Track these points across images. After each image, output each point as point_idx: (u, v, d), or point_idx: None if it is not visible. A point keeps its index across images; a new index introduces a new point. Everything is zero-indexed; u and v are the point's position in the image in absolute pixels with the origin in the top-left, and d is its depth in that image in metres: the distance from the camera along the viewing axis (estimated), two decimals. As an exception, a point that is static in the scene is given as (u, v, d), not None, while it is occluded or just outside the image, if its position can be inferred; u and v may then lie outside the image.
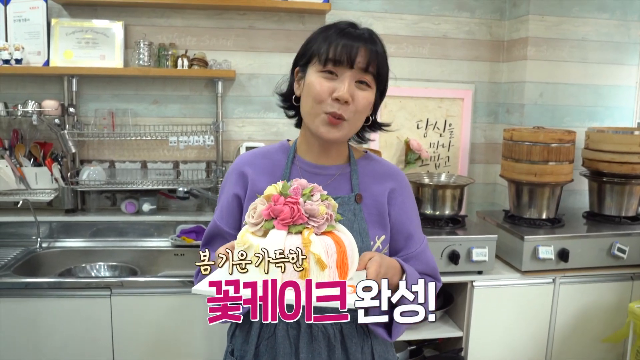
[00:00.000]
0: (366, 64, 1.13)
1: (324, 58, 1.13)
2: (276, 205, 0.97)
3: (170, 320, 2.05)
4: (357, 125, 1.20)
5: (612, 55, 2.72)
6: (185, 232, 2.47)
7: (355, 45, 1.13)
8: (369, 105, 1.18)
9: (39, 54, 2.43)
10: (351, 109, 1.14)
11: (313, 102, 1.15)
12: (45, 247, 2.40)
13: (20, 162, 2.44)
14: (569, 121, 2.73)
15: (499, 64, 2.84)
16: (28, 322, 1.99)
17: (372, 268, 1.02)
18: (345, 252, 0.97)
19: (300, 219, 0.96)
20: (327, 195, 1.03)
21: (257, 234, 0.97)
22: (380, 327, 1.13)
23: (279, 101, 1.31)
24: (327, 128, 1.16)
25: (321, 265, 0.92)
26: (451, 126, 2.84)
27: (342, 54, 1.12)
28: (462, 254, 2.19)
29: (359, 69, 1.13)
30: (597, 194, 2.57)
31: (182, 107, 2.62)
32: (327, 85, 1.13)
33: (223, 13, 2.58)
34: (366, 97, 1.16)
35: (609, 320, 2.34)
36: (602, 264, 2.31)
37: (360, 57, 1.13)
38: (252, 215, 1.00)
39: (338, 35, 1.14)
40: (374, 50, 1.15)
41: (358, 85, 1.15)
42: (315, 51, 1.16)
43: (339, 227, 1.02)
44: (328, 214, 0.99)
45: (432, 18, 2.74)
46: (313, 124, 1.17)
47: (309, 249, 0.92)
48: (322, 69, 1.14)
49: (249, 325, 1.22)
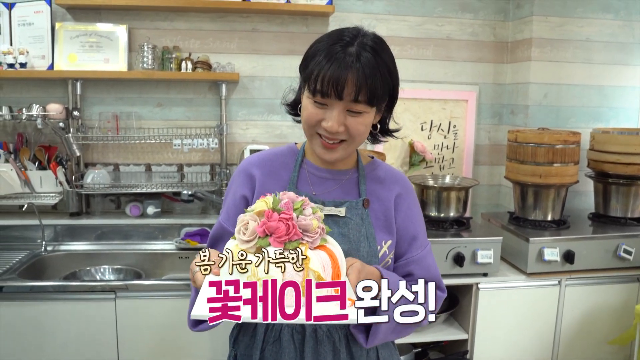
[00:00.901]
0: (355, 94, 1.08)
1: (312, 89, 1.10)
2: (270, 222, 0.96)
3: (174, 323, 2.05)
4: (358, 142, 1.18)
5: (616, 55, 2.71)
6: (190, 235, 2.47)
7: (343, 74, 1.06)
8: (365, 129, 1.15)
9: (44, 57, 2.44)
10: (345, 134, 1.13)
11: (305, 124, 1.16)
12: (50, 251, 2.40)
13: (25, 166, 2.45)
14: (574, 122, 2.72)
15: (503, 65, 2.83)
16: (33, 325, 1.99)
17: (353, 275, 1.01)
18: (339, 264, 0.98)
19: (295, 236, 0.95)
20: (316, 207, 1.03)
21: (250, 252, 0.96)
22: (360, 332, 1.12)
23: (286, 110, 1.30)
24: (323, 150, 1.17)
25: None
26: (455, 128, 2.83)
27: (329, 86, 1.07)
28: (467, 256, 2.18)
29: (348, 100, 1.09)
30: (603, 195, 2.55)
31: (186, 109, 2.63)
32: (317, 112, 1.12)
33: (226, 16, 2.58)
34: (360, 122, 1.13)
35: (615, 322, 2.33)
36: (608, 266, 2.30)
37: (348, 88, 1.07)
38: (243, 232, 0.98)
39: (327, 61, 1.08)
40: (364, 76, 1.07)
41: (351, 113, 1.11)
42: (307, 75, 1.12)
43: (328, 239, 1.02)
44: (320, 227, 0.99)
45: (435, 20, 2.74)
46: (311, 144, 1.19)
47: (308, 266, 0.92)
48: (312, 97, 1.11)
49: (253, 330, 1.22)
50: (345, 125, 1.12)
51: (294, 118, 1.30)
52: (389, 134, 1.28)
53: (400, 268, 1.24)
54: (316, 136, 1.16)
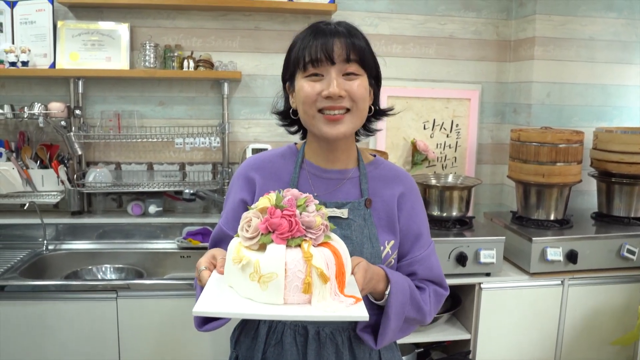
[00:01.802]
0: (346, 54, 1.11)
1: (303, 63, 1.12)
2: (273, 219, 0.95)
3: (176, 322, 2.05)
4: (361, 115, 1.17)
5: (619, 54, 2.70)
6: (192, 234, 2.47)
7: (329, 40, 1.11)
8: (365, 92, 1.15)
9: (45, 56, 2.43)
10: (349, 101, 1.13)
11: (304, 106, 1.14)
12: (52, 250, 2.40)
13: (26, 164, 2.45)
14: (577, 121, 2.71)
15: (505, 63, 2.82)
16: (34, 324, 1.99)
17: (360, 274, 1.01)
18: (343, 262, 0.97)
19: (298, 232, 0.95)
20: (320, 204, 1.02)
21: (253, 248, 0.95)
22: (368, 333, 1.13)
23: (278, 121, 1.30)
24: (328, 126, 1.14)
25: (324, 279, 0.92)
26: (458, 127, 2.82)
27: (318, 52, 1.10)
28: (470, 256, 2.17)
29: (341, 61, 1.11)
30: (606, 195, 2.54)
31: (188, 108, 2.62)
32: (315, 85, 1.12)
33: (228, 14, 2.57)
34: (360, 84, 1.13)
35: (619, 322, 2.32)
36: (611, 266, 2.29)
37: (337, 49, 1.11)
38: (246, 229, 0.97)
39: (311, 36, 1.13)
40: (351, 41, 1.12)
41: (347, 77, 1.13)
42: (295, 60, 1.15)
43: (332, 236, 1.02)
44: (324, 224, 0.98)
45: (438, 18, 2.73)
46: (314, 127, 1.16)
47: (311, 263, 0.92)
48: (305, 74, 1.13)
49: (255, 332, 1.21)
50: (346, 90, 1.12)
51: (287, 129, 1.30)
52: (383, 114, 1.28)
53: (404, 267, 1.24)
54: (318, 116, 1.14)
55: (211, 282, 0.99)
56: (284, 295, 0.91)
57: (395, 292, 1.11)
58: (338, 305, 0.91)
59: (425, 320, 1.21)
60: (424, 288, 1.23)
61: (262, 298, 0.92)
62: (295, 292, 0.91)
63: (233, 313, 0.93)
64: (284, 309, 0.91)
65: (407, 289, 1.15)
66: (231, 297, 0.94)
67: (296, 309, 0.91)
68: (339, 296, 0.94)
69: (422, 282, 1.24)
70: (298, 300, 0.92)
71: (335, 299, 0.93)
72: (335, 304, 0.92)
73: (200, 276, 1.02)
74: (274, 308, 0.91)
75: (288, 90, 1.23)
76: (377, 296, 1.12)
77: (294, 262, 0.91)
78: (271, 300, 0.92)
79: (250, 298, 0.93)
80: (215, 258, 1.05)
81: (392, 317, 1.10)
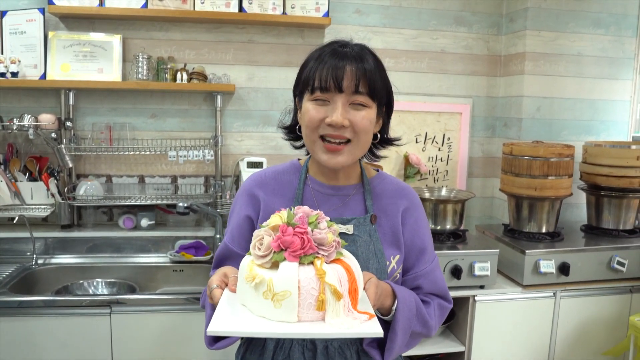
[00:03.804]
0: (355, 85, 1.09)
1: (311, 87, 1.11)
2: (285, 237, 0.95)
3: (171, 337, 2.02)
4: (363, 146, 1.16)
5: (607, 70, 2.76)
6: (185, 248, 2.44)
7: (340, 67, 1.09)
8: (369, 125, 1.14)
9: (36, 67, 2.40)
10: (351, 132, 1.12)
11: (307, 129, 1.14)
12: (41, 264, 2.35)
13: (15, 177, 2.40)
14: (566, 135, 2.76)
15: (496, 78, 2.86)
16: (24, 342, 1.94)
17: (371, 290, 1.01)
18: (355, 278, 0.97)
19: (310, 249, 0.94)
20: (331, 221, 1.02)
21: (266, 266, 0.95)
22: (374, 348, 1.12)
23: (284, 134, 1.29)
24: (327, 156, 1.14)
25: (337, 296, 0.91)
26: (449, 140, 2.85)
27: (328, 79, 1.09)
28: (465, 269, 2.18)
29: (349, 92, 1.10)
30: (595, 208, 2.58)
31: (180, 120, 2.60)
32: (319, 111, 1.11)
33: (222, 27, 2.57)
34: (365, 117, 1.12)
35: (609, 333, 2.35)
36: (602, 277, 2.33)
37: (347, 79, 1.09)
38: (258, 247, 0.97)
39: (323, 59, 1.12)
40: (362, 67, 1.10)
41: (354, 107, 1.12)
42: (305, 80, 1.14)
43: (344, 253, 1.01)
44: (335, 240, 0.98)
45: (430, 33, 2.76)
46: (314, 153, 1.16)
47: (324, 280, 0.91)
48: (312, 97, 1.12)
49: (262, 348, 1.19)
50: (350, 120, 1.11)
51: (292, 143, 1.29)
52: (389, 142, 1.28)
53: (409, 282, 1.24)
54: (319, 142, 1.13)
55: (223, 300, 0.98)
56: (298, 312, 0.91)
57: (402, 308, 1.11)
58: (352, 322, 0.91)
59: (430, 333, 1.21)
60: (429, 302, 1.23)
61: (275, 316, 0.91)
62: (309, 309, 0.91)
63: (248, 332, 0.92)
64: (298, 327, 0.90)
65: (413, 304, 1.15)
66: (245, 315, 0.93)
67: (310, 326, 0.90)
68: (352, 312, 0.93)
69: (427, 296, 1.24)
70: (312, 318, 0.92)
71: (349, 316, 0.92)
72: (349, 321, 0.91)
73: (212, 294, 1.01)
74: (288, 326, 0.90)
75: (297, 105, 1.22)
76: (383, 311, 1.12)
77: (307, 279, 0.91)
78: (285, 318, 0.91)
79: (263, 316, 0.92)
80: (226, 276, 1.05)
81: (399, 333, 1.10)
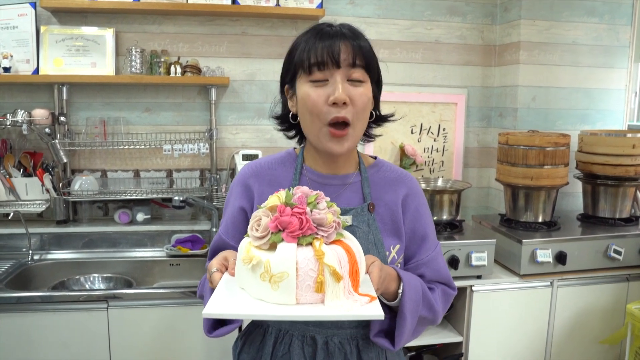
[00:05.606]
0: (352, 58, 1.08)
1: (307, 65, 1.08)
2: (283, 217, 0.92)
3: (168, 331, 2.01)
4: (362, 127, 1.14)
5: (602, 58, 2.75)
6: (181, 242, 2.43)
7: (336, 43, 1.07)
8: (369, 101, 1.12)
9: (28, 62, 2.38)
10: (352, 110, 1.09)
11: (311, 116, 1.10)
12: (37, 260, 2.34)
13: (9, 173, 2.39)
14: (561, 124, 2.75)
15: (491, 68, 2.86)
16: (22, 338, 1.93)
17: (375, 273, 0.98)
18: (356, 259, 0.94)
19: (309, 230, 0.92)
20: (331, 202, 0.99)
21: (263, 248, 0.93)
22: (382, 337, 1.10)
23: (276, 125, 1.27)
24: (333, 142, 1.11)
25: (336, 277, 0.89)
26: (445, 131, 2.84)
27: (324, 55, 1.07)
28: (462, 259, 2.18)
29: (347, 65, 1.08)
30: (591, 196, 2.58)
31: (174, 114, 2.59)
32: (320, 92, 1.08)
33: (215, 19, 2.55)
34: (364, 93, 1.10)
35: (607, 321, 2.35)
36: (598, 266, 2.33)
37: (344, 53, 1.07)
38: (255, 228, 0.94)
39: (315, 38, 1.09)
40: (357, 44, 1.09)
41: (351, 83, 1.09)
42: (298, 62, 1.11)
43: (345, 234, 0.99)
44: (335, 221, 0.95)
45: (424, 23, 2.75)
46: (318, 141, 1.12)
47: (323, 261, 0.89)
48: (309, 77, 1.09)
49: (261, 342, 1.18)
50: (350, 97, 1.08)
51: (285, 133, 1.27)
52: (384, 119, 1.25)
53: (411, 270, 1.21)
54: (325, 130, 1.10)
55: (222, 283, 0.96)
56: (296, 294, 0.89)
57: (409, 290, 1.08)
58: (352, 304, 0.89)
59: (436, 319, 1.19)
60: (433, 288, 1.21)
61: (273, 298, 0.90)
62: (307, 291, 0.89)
63: (243, 314, 0.90)
64: (296, 309, 0.88)
65: (419, 287, 1.13)
66: (242, 298, 0.92)
67: (309, 309, 0.88)
68: (353, 295, 0.91)
69: (431, 283, 1.22)
70: (311, 300, 0.90)
71: (349, 298, 0.90)
72: (349, 303, 0.89)
73: (212, 278, 0.99)
74: (286, 308, 0.88)
75: (287, 94, 1.19)
76: (389, 297, 1.09)
77: (305, 260, 0.89)
78: (283, 300, 0.89)
79: (261, 299, 0.91)
80: (227, 260, 1.03)
81: (408, 316, 1.07)
